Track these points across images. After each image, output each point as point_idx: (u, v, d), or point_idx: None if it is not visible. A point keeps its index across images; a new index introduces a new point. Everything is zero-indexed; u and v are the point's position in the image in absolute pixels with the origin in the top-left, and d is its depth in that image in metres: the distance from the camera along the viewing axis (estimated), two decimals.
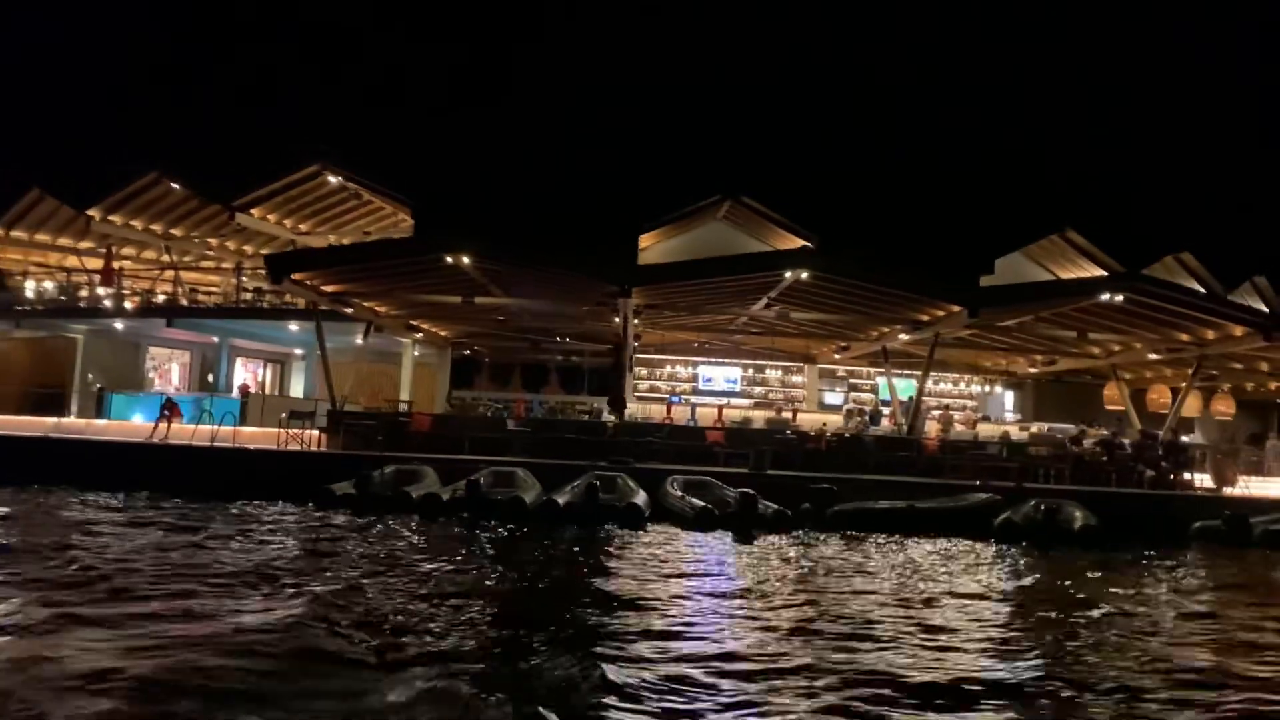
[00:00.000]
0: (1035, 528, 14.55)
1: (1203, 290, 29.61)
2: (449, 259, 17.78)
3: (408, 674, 5.47)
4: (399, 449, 17.98)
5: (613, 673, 5.51)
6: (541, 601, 8.25)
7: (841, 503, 15.17)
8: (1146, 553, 13.62)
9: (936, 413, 24.90)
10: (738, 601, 8.50)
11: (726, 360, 27.52)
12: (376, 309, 21.84)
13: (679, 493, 15.15)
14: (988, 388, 28.32)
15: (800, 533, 13.96)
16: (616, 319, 21.01)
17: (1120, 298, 18.66)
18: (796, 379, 27.98)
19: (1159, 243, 30.63)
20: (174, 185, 26.79)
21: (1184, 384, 28.15)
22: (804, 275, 18.25)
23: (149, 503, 14.17)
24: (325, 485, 14.40)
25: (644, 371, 27.31)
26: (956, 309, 18.55)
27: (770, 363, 27.93)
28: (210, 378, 29.43)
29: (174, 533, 11.14)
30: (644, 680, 5.48)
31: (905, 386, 27.56)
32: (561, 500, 13.96)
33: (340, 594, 7.79)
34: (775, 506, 14.35)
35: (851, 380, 28.08)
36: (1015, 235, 29.19)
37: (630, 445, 18.44)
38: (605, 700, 5.07)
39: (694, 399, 26.96)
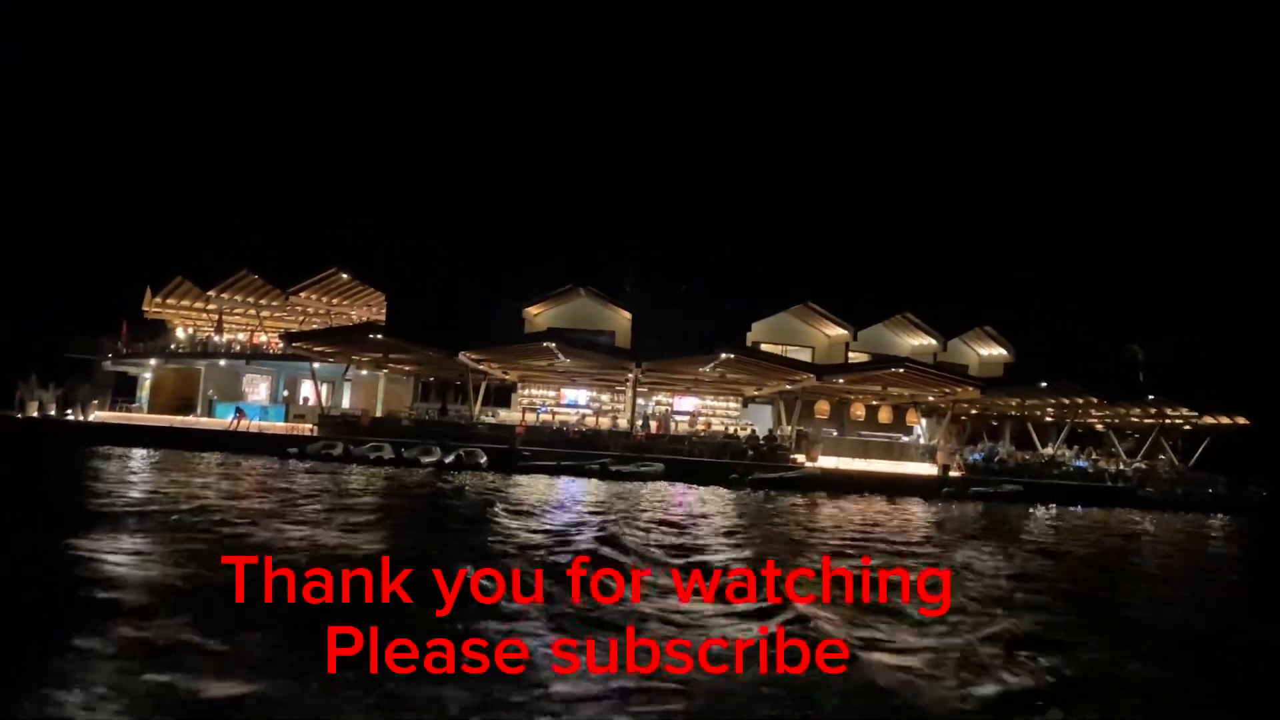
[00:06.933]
0: (621, 473, 30.39)
1: (932, 340, 44.20)
2: (369, 336, 34.81)
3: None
4: (353, 434, 35.11)
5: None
6: (334, 486, 24.90)
7: (526, 461, 31.39)
8: (690, 485, 29.27)
9: (686, 417, 40.61)
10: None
11: (575, 386, 43.59)
12: (352, 356, 39.18)
13: (454, 454, 31.54)
14: (748, 405, 43.50)
15: (491, 474, 30.10)
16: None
17: (733, 356, 33.84)
18: (623, 397, 43.82)
19: (891, 305, 45.33)
20: (255, 276, 45.24)
21: (876, 403, 42.89)
22: (554, 345, 34.15)
23: (222, 457, 31.61)
24: (286, 449, 31.70)
25: (527, 390, 43.77)
26: (634, 365, 34.24)
27: (597, 386, 43.80)
28: (285, 393, 47.80)
29: (229, 468, 28.50)
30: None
31: (685, 403, 43.09)
32: (386, 456, 30.78)
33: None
34: (484, 461, 30.66)
35: (656, 397, 43.79)
36: (775, 302, 44.62)
37: (465, 434, 34.98)
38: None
39: (557, 409, 43.17)
